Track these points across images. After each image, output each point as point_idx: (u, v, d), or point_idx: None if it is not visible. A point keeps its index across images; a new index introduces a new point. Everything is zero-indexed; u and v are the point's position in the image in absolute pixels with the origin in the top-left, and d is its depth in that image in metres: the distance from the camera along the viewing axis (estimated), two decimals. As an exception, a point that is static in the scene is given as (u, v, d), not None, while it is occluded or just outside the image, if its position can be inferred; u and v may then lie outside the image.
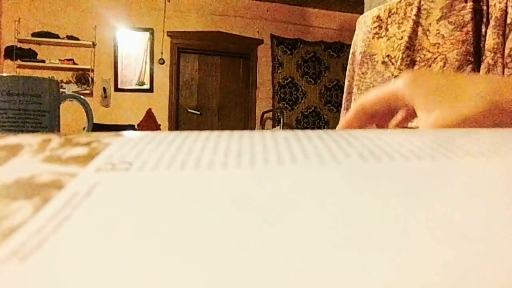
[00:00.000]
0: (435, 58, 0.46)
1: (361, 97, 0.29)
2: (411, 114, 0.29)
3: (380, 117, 0.29)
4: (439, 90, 0.25)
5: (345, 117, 0.30)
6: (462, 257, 0.06)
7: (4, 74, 0.44)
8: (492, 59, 0.41)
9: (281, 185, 0.09)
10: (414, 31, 0.48)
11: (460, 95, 0.24)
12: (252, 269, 0.06)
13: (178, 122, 4.29)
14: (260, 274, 0.06)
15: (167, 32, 4.15)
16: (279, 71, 4.52)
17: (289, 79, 4.56)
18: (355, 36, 0.61)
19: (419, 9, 0.48)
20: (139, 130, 4.03)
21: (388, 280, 0.06)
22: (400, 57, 0.49)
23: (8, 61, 3.74)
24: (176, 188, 0.08)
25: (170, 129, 4.17)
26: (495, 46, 0.41)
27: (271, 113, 4.47)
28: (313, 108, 4.64)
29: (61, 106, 0.48)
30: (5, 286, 0.06)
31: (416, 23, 0.48)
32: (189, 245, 0.06)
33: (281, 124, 4.07)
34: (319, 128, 4.62)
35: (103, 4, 3.95)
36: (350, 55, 0.62)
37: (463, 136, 0.13)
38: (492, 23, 0.42)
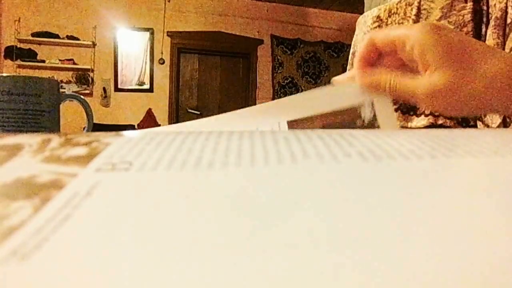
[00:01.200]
0: (435, 58, 0.46)
1: (376, 31, 0.29)
2: (412, 68, 0.28)
3: (385, 59, 0.29)
4: (453, 49, 0.24)
5: (359, 51, 0.30)
6: (461, 256, 0.06)
7: (4, 74, 0.44)
8: (492, 59, 0.41)
9: (281, 184, 0.09)
10: (414, 31, 0.48)
11: (475, 66, 0.23)
12: (250, 268, 0.06)
13: (178, 122, 4.28)
14: (258, 274, 0.06)
15: (167, 32, 4.15)
16: (279, 71, 4.52)
17: (289, 79, 4.56)
18: (355, 36, 0.61)
19: (419, 9, 0.48)
20: (139, 130, 4.02)
21: (388, 279, 0.06)
22: (400, 57, 0.49)
23: (8, 61, 3.74)
24: (176, 188, 0.08)
25: (170, 129, 4.16)
26: (495, 46, 0.41)
27: (271, 113, 4.47)
28: (313, 108, 4.64)
29: (61, 106, 0.48)
30: (5, 286, 0.06)
31: (416, 23, 0.48)
32: (189, 245, 0.06)
33: (281, 124, 4.07)
34: (319, 128, 4.61)
35: (103, 4, 3.95)
36: (350, 55, 0.62)
37: (464, 135, 0.13)
38: (492, 23, 0.42)
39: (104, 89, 4.02)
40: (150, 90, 4.15)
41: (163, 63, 4.17)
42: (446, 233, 0.07)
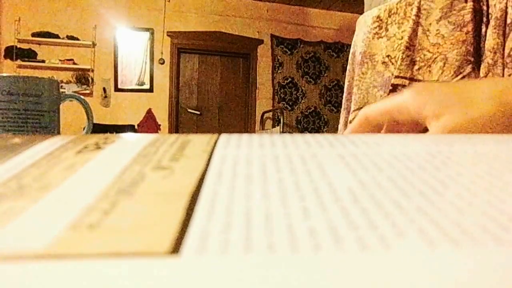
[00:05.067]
0: (435, 58, 0.46)
1: (366, 107, 0.29)
2: (415, 128, 0.28)
3: (384, 127, 0.28)
4: (447, 96, 0.24)
5: (350, 126, 0.30)
6: None
7: (4, 74, 0.44)
8: (492, 59, 0.41)
9: None
10: (414, 31, 0.48)
11: (469, 99, 0.23)
12: None
13: (178, 122, 4.29)
14: None
15: (167, 32, 4.15)
16: (279, 71, 4.52)
17: (289, 79, 4.56)
18: (355, 36, 0.61)
19: (419, 9, 0.48)
20: (139, 130, 4.03)
21: None
22: (400, 57, 0.49)
23: (8, 61, 3.74)
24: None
25: (170, 129, 4.17)
26: (495, 46, 0.41)
27: (271, 113, 4.47)
28: (313, 108, 4.64)
29: (61, 106, 0.48)
30: None
31: (416, 23, 0.48)
32: None
33: (281, 124, 4.07)
34: (319, 128, 4.62)
35: (103, 4, 3.95)
36: (350, 55, 0.62)
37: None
38: (492, 23, 0.41)
39: (104, 89, 4.02)
40: (150, 90, 4.15)
41: (163, 63, 4.17)
42: None
